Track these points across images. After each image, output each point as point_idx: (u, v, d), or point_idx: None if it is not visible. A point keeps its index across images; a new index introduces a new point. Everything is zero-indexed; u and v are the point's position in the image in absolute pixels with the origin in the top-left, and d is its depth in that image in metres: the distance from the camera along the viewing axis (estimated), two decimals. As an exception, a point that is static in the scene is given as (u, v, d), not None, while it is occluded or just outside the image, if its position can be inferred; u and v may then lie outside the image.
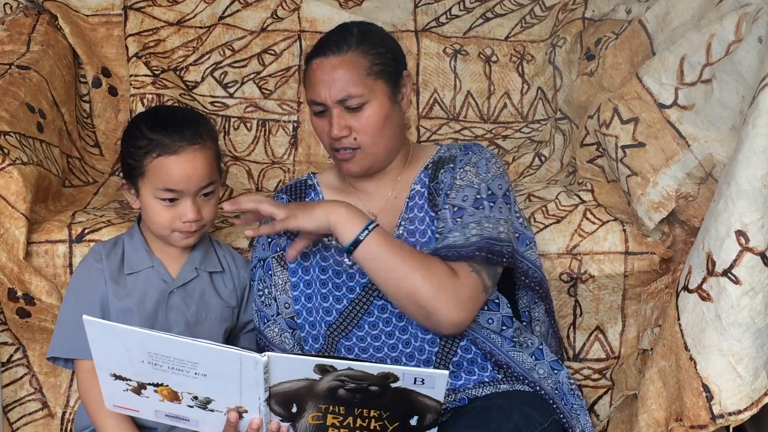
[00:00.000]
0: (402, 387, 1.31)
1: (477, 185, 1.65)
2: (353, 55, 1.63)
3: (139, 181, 1.63)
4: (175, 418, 1.46)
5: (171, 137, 1.61)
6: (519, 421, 1.50)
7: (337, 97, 1.63)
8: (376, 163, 1.69)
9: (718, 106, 1.68)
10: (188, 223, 1.63)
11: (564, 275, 1.83)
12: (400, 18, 2.55)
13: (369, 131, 1.64)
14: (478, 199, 1.63)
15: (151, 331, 1.38)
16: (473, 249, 1.56)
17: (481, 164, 1.68)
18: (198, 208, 1.63)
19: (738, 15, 1.68)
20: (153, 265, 1.68)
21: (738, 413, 1.44)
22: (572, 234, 1.84)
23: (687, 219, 1.77)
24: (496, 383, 1.61)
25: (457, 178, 1.67)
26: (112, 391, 1.45)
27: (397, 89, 1.69)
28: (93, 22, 2.47)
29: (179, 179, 1.60)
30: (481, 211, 1.62)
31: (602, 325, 1.89)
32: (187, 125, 1.65)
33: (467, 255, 1.56)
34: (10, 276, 1.79)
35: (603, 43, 2.24)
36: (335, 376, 1.31)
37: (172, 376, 1.38)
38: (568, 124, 2.19)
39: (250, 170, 2.45)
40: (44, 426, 1.95)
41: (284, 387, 1.35)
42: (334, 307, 1.67)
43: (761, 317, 1.43)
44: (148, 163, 1.61)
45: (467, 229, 1.59)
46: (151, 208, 1.63)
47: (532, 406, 1.56)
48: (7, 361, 1.93)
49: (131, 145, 1.64)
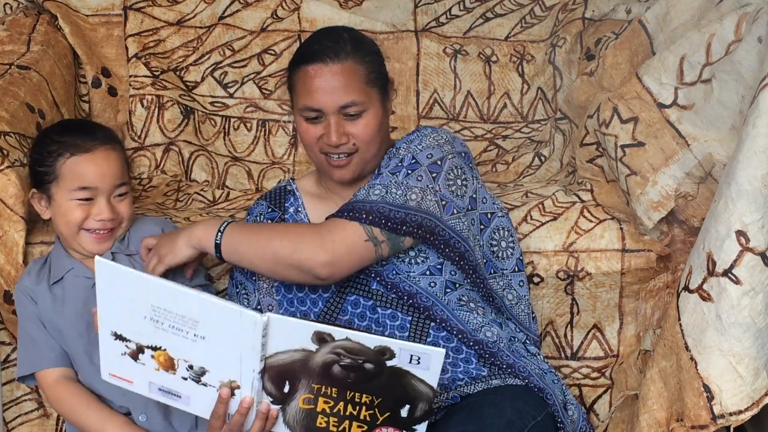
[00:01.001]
0: (397, 366, 1.31)
1: (401, 156, 1.65)
2: (353, 63, 1.64)
3: (53, 186, 1.65)
4: (168, 394, 1.46)
5: (82, 138, 1.65)
6: (512, 415, 1.50)
7: (339, 103, 1.63)
8: (366, 168, 1.70)
9: (718, 105, 1.68)
10: (103, 221, 1.64)
11: (561, 273, 1.83)
12: (400, 18, 2.55)
13: (367, 138, 1.65)
14: (398, 166, 1.64)
15: (158, 279, 1.41)
16: (363, 210, 1.57)
17: (415, 139, 1.68)
18: (112, 207, 1.65)
19: (738, 15, 1.67)
20: (73, 267, 1.69)
21: (739, 413, 1.44)
22: (569, 231, 1.84)
23: (686, 218, 1.77)
24: (488, 379, 1.60)
25: (393, 152, 1.69)
26: (109, 355, 1.45)
27: (386, 96, 1.71)
28: (93, 22, 2.47)
29: (94, 176, 1.63)
30: (395, 177, 1.62)
31: (600, 324, 1.88)
32: (97, 128, 1.72)
33: (354, 214, 1.57)
34: (7, 278, 1.79)
35: (603, 43, 2.24)
36: (332, 347, 1.31)
37: (172, 337, 1.38)
38: (568, 124, 2.19)
39: (250, 170, 2.45)
40: (39, 426, 1.95)
41: (279, 359, 1.35)
42: (311, 311, 1.68)
43: (762, 317, 1.43)
44: (60, 165, 1.64)
45: (372, 189, 1.61)
46: (66, 208, 1.64)
47: (525, 400, 1.55)
48: (4, 361, 1.93)
49: (41, 152, 1.67)
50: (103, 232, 1.66)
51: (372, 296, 1.64)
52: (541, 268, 1.84)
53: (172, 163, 2.41)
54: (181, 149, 2.42)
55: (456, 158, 1.67)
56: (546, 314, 1.88)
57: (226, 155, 2.46)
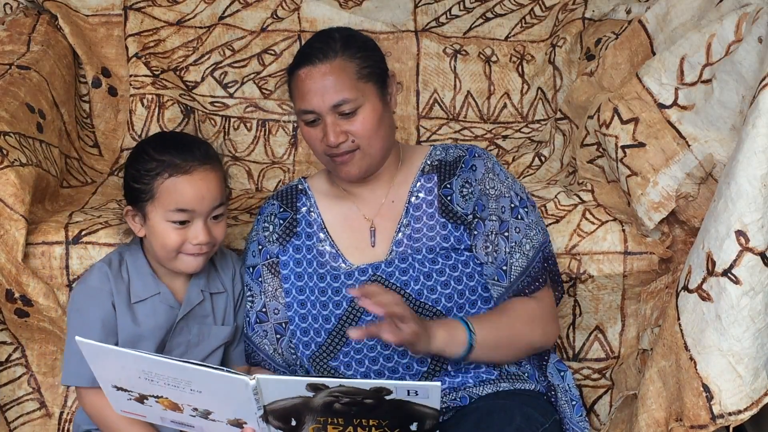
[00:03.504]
0: (396, 399, 1.31)
1: (507, 193, 1.69)
2: (341, 60, 1.63)
3: (148, 205, 1.60)
4: (182, 425, 1.48)
5: (182, 157, 1.59)
6: (521, 423, 1.51)
7: (331, 103, 1.62)
8: (373, 164, 1.69)
9: (718, 106, 1.68)
10: (200, 245, 1.60)
11: (563, 275, 1.83)
12: (400, 18, 2.55)
13: (366, 133, 1.64)
14: (514, 209, 1.68)
15: (141, 353, 1.38)
16: (539, 269, 1.67)
17: (496, 169, 1.72)
18: (209, 230, 1.61)
19: (738, 15, 1.67)
20: (159, 291, 1.66)
21: (738, 413, 1.44)
22: (571, 234, 1.84)
23: (687, 219, 1.77)
24: (497, 382, 1.61)
25: (486, 185, 1.69)
26: (117, 400, 1.47)
27: (386, 90, 1.69)
28: (93, 22, 2.47)
29: (192, 199, 1.58)
30: (521, 221, 1.68)
31: (602, 325, 1.88)
32: (196, 146, 1.63)
33: (537, 276, 1.67)
34: (8, 277, 1.79)
35: (603, 43, 2.24)
36: (328, 392, 1.31)
37: (169, 390, 1.39)
38: (568, 124, 2.19)
39: (250, 170, 2.45)
40: (41, 426, 1.95)
41: (279, 404, 1.36)
42: (333, 314, 1.67)
43: (761, 317, 1.43)
44: (158, 184, 1.58)
45: (523, 246, 1.67)
46: (161, 231, 1.59)
47: (534, 407, 1.57)
48: (6, 361, 1.93)
49: (139, 168, 1.60)
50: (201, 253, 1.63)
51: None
52: (542, 268, 1.84)
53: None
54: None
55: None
56: (547, 315, 1.89)
57: (226, 155, 2.46)
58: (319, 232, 1.72)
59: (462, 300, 1.64)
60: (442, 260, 1.65)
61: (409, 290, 1.63)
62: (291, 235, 1.73)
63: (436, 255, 1.65)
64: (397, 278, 1.65)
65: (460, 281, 1.64)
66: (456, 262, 1.65)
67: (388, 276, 1.65)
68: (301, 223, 1.74)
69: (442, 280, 1.63)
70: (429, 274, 1.64)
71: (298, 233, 1.73)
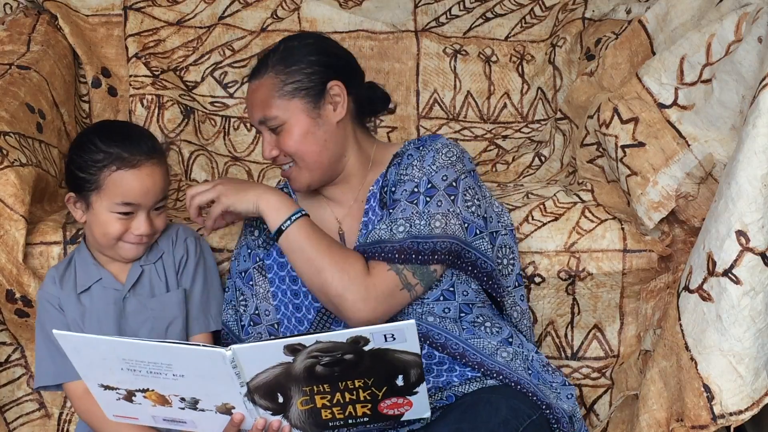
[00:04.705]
0: (375, 348, 1.31)
1: (417, 179, 1.62)
2: (268, 78, 1.65)
3: (93, 195, 1.62)
4: (174, 422, 1.47)
5: (130, 150, 1.61)
6: (507, 414, 1.50)
7: (257, 120, 1.66)
8: (316, 176, 1.67)
9: (718, 106, 1.68)
10: (141, 235, 1.63)
11: (562, 273, 1.83)
12: (400, 18, 2.55)
13: (292, 149, 1.64)
14: (414, 193, 1.61)
15: (115, 338, 1.41)
16: (394, 250, 1.56)
17: (427, 157, 1.64)
18: (151, 221, 1.64)
19: (738, 15, 1.67)
20: (101, 276, 1.68)
21: (739, 413, 1.44)
22: (570, 232, 1.84)
23: (687, 219, 1.77)
24: (483, 379, 1.60)
25: (402, 173, 1.65)
26: (107, 403, 1.46)
27: (320, 102, 1.65)
28: (93, 22, 2.47)
29: (138, 193, 1.61)
30: (415, 206, 1.59)
31: (600, 324, 1.88)
32: (143, 139, 1.66)
33: (386, 255, 1.56)
34: (9, 278, 1.79)
35: (603, 43, 2.24)
36: (307, 353, 1.31)
37: (153, 380, 1.39)
38: (568, 124, 2.19)
39: (249, 170, 2.45)
40: (41, 426, 1.96)
41: (262, 378, 1.35)
42: (305, 318, 1.68)
43: (762, 317, 1.43)
44: (105, 177, 1.60)
45: (395, 225, 1.59)
46: (104, 220, 1.62)
47: (520, 399, 1.55)
48: (5, 361, 1.93)
49: (85, 158, 1.62)
50: (141, 243, 1.66)
51: None
52: (542, 268, 1.84)
53: (172, 162, 2.41)
54: (181, 149, 2.42)
55: (468, 178, 1.65)
56: (546, 314, 1.88)
57: (226, 155, 2.46)
58: None
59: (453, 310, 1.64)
60: None
61: None
62: None
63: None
64: None
65: None
66: None
67: None
68: None
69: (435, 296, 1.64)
70: None
71: None
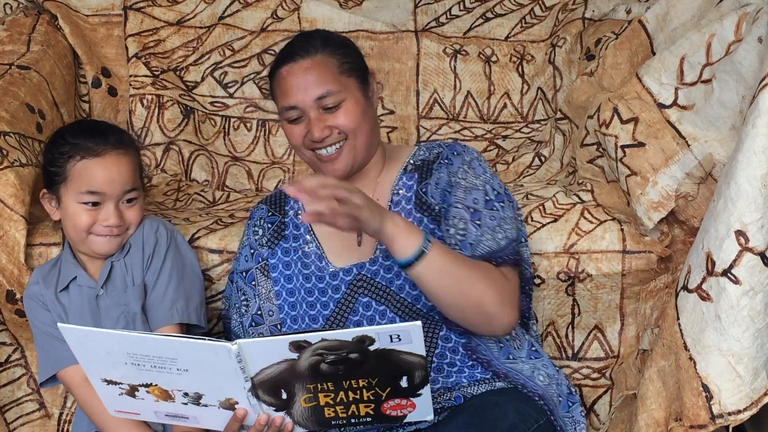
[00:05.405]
0: (381, 348, 1.30)
1: (481, 186, 1.66)
2: (322, 56, 1.65)
3: (62, 188, 1.64)
4: (176, 417, 1.47)
5: (94, 141, 1.64)
6: (515, 418, 1.50)
7: (314, 96, 1.63)
8: (358, 160, 1.68)
9: (718, 106, 1.68)
10: (110, 227, 1.64)
11: (561, 274, 1.83)
12: (400, 18, 2.55)
13: (351, 125, 1.64)
14: (489, 201, 1.65)
15: (121, 331, 1.40)
16: (508, 252, 1.60)
17: (474, 164, 1.70)
18: (120, 213, 1.65)
19: (738, 15, 1.67)
20: (76, 275, 1.69)
21: (737, 413, 1.44)
22: (570, 233, 1.84)
23: (686, 219, 1.77)
24: (491, 381, 1.61)
25: (458, 176, 1.67)
26: (109, 398, 1.46)
27: (367, 86, 1.70)
28: (93, 22, 2.47)
29: (102, 182, 1.62)
30: (496, 212, 1.64)
31: (601, 324, 1.88)
32: (111, 132, 1.69)
33: (506, 259, 1.60)
34: (9, 278, 1.79)
35: (603, 43, 2.24)
36: (312, 350, 1.31)
37: (157, 374, 1.38)
38: (568, 124, 2.19)
39: (250, 170, 2.45)
40: (41, 427, 1.96)
41: (267, 374, 1.35)
42: (321, 314, 1.68)
43: (761, 317, 1.43)
44: (71, 167, 1.63)
45: (495, 233, 1.62)
46: (73, 212, 1.64)
47: (528, 403, 1.56)
48: (5, 361, 1.93)
49: (54, 152, 1.66)
50: (112, 235, 1.66)
51: (385, 301, 1.64)
52: (542, 269, 1.84)
53: (172, 162, 2.41)
54: (181, 149, 2.42)
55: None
56: (547, 315, 1.88)
57: (226, 155, 2.46)
58: (305, 234, 1.73)
59: None
60: None
61: (394, 287, 1.64)
62: (279, 239, 1.74)
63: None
64: (383, 276, 1.65)
65: None
66: None
67: (372, 275, 1.65)
68: (288, 226, 1.75)
69: None
70: None
71: (286, 236, 1.74)
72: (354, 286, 1.66)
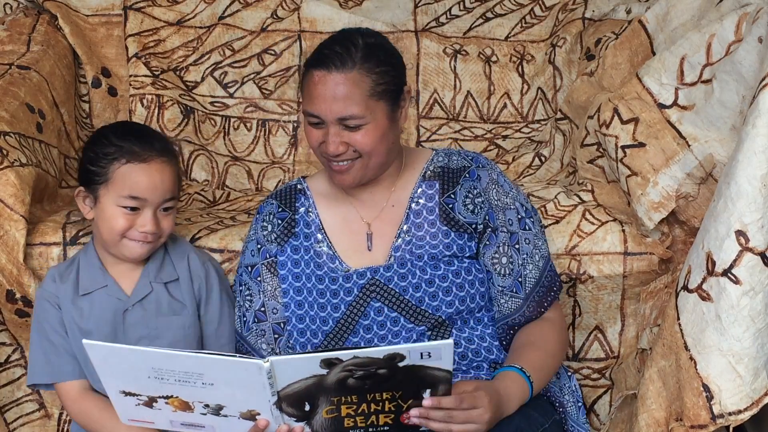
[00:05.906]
0: (410, 365, 1.31)
1: (512, 205, 1.70)
2: (357, 74, 1.59)
3: (101, 188, 1.63)
4: (191, 426, 1.46)
5: (141, 146, 1.63)
6: (520, 422, 1.51)
7: (337, 115, 1.59)
8: (368, 175, 1.67)
9: (718, 106, 1.68)
10: (146, 233, 1.63)
11: (563, 275, 1.83)
12: (400, 18, 2.55)
13: (367, 147, 1.62)
14: (521, 220, 1.70)
15: (150, 349, 1.39)
16: (550, 276, 1.70)
17: (501, 180, 1.73)
18: (158, 220, 1.64)
19: (738, 15, 1.67)
20: (107, 284, 1.68)
21: (738, 413, 1.44)
22: (571, 234, 1.84)
23: (687, 219, 1.77)
24: None
25: (490, 195, 1.69)
26: (124, 407, 1.45)
27: (397, 106, 1.66)
28: (93, 22, 2.47)
29: (145, 188, 1.61)
30: (529, 232, 1.69)
31: (601, 325, 1.88)
32: (156, 139, 1.68)
33: (554, 292, 1.71)
34: (9, 278, 1.79)
35: (603, 43, 2.24)
36: (342, 367, 1.31)
37: (180, 388, 1.38)
38: (568, 124, 2.19)
39: (250, 170, 2.45)
40: (41, 427, 1.96)
41: (293, 388, 1.35)
42: (331, 316, 1.67)
43: (761, 317, 1.43)
44: (114, 169, 1.62)
45: (533, 257, 1.69)
46: (111, 214, 1.63)
47: (533, 407, 1.56)
48: (5, 362, 1.93)
49: (97, 152, 1.64)
50: (146, 241, 1.65)
51: (398, 308, 1.64)
52: (541, 269, 1.84)
53: None
54: (181, 148, 2.42)
55: None
56: (547, 315, 1.88)
57: (226, 155, 2.46)
58: (317, 233, 1.72)
59: (463, 307, 1.64)
60: (444, 266, 1.65)
61: (409, 296, 1.63)
62: (289, 236, 1.73)
63: (438, 261, 1.65)
64: (396, 283, 1.64)
65: (462, 288, 1.64)
66: (459, 268, 1.65)
67: (386, 281, 1.65)
68: (299, 223, 1.74)
69: (444, 287, 1.63)
70: (431, 280, 1.64)
71: (296, 234, 1.73)
72: (366, 290, 1.65)
